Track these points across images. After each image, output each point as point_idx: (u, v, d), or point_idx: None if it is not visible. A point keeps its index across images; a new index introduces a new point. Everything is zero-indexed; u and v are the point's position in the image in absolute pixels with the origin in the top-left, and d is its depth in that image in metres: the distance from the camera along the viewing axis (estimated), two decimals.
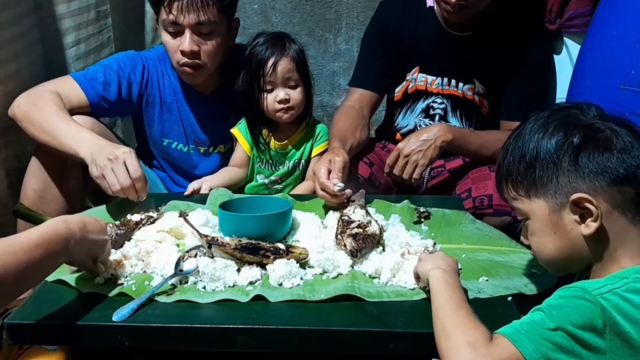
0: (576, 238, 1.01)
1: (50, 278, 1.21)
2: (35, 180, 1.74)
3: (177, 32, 1.77)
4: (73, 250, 1.12)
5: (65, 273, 1.24)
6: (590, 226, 0.99)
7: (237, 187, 1.90)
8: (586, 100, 1.08)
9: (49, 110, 1.65)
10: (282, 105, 1.82)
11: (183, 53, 1.78)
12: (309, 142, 1.93)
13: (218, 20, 1.78)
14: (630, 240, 0.99)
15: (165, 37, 1.80)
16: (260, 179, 1.96)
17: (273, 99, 1.82)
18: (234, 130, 1.92)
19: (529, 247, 1.13)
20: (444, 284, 1.08)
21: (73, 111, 1.72)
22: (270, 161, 1.93)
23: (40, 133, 1.64)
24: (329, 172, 1.56)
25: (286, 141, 1.92)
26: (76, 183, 1.80)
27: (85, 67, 2.16)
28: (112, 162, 1.50)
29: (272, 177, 1.95)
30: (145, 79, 1.89)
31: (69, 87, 1.76)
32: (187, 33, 1.75)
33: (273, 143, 1.91)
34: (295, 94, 1.83)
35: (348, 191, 1.54)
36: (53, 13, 2.01)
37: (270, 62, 1.79)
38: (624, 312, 0.90)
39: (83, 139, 1.59)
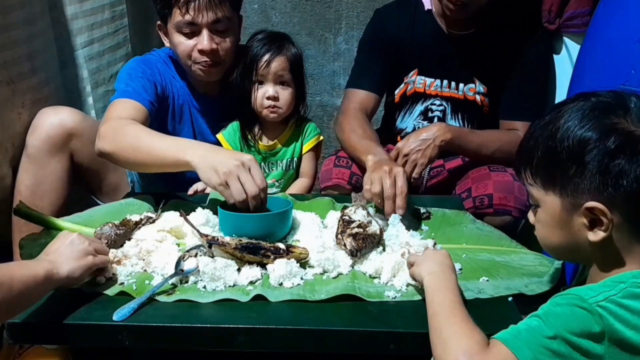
0: (581, 240, 0.98)
1: None
2: (27, 175, 1.73)
3: (192, 33, 1.76)
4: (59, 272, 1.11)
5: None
6: (598, 234, 0.96)
7: None
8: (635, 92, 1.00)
9: (134, 132, 1.57)
10: (270, 102, 1.82)
11: (202, 52, 1.76)
12: (297, 141, 1.93)
13: (231, 17, 1.79)
14: (635, 250, 0.97)
15: (179, 39, 1.77)
16: None
17: (262, 94, 1.82)
18: (219, 136, 1.91)
19: (534, 226, 1.07)
20: (436, 290, 1.08)
21: None
22: (261, 163, 1.92)
23: (137, 156, 1.55)
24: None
25: (275, 141, 1.91)
26: (69, 177, 1.79)
27: (99, 67, 2.15)
28: (239, 168, 1.40)
29: (268, 180, 1.94)
30: (161, 81, 1.85)
31: (123, 107, 1.68)
32: (205, 32, 1.75)
33: (260, 144, 1.90)
34: (285, 94, 1.83)
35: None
36: (66, 13, 2.01)
37: (266, 57, 1.80)
38: (622, 318, 0.89)
39: (184, 145, 1.52)
